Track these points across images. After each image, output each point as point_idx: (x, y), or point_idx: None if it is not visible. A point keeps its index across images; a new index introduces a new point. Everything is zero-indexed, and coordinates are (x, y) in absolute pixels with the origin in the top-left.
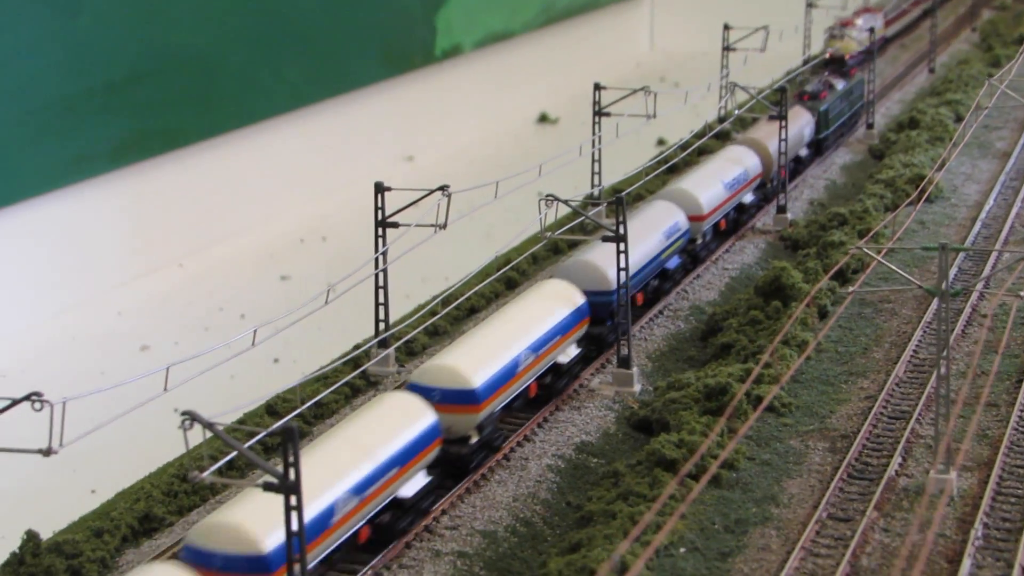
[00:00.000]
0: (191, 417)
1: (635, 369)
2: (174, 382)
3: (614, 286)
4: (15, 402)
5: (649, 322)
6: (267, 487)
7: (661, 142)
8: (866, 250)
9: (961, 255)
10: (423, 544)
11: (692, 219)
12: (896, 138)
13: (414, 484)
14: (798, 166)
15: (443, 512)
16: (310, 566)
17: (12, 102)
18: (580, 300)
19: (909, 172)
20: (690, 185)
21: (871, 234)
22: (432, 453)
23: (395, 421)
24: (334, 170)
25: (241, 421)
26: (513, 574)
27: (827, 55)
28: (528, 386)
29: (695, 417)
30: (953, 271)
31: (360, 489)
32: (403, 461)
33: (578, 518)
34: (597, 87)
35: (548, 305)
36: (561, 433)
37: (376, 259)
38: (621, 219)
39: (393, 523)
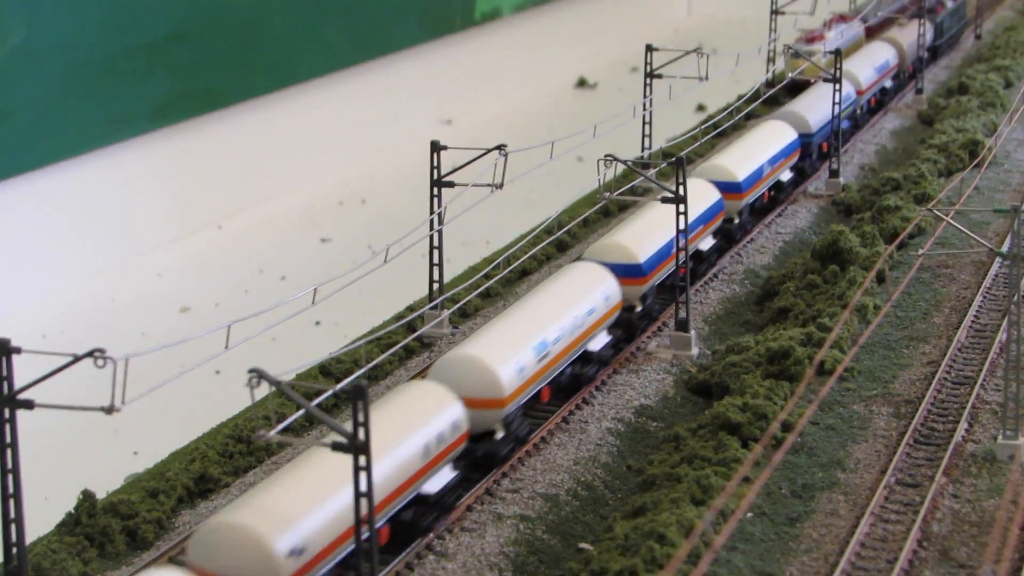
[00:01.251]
0: (259, 375)
1: (693, 332)
2: (216, 342)
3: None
4: (78, 358)
5: (704, 285)
6: (335, 447)
7: (701, 108)
8: (937, 212)
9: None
10: (484, 507)
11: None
12: (946, 104)
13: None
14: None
15: (503, 475)
16: None
17: (53, 61)
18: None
19: (962, 137)
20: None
21: (937, 199)
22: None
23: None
24: (372, 133)
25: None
26: (576, 537)
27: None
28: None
29: (758, 381)
30: (1009, 236)
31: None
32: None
33: (639, 482)
34: (649, 48)
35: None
36: (620, 396)
37: (432, 219)
38: (681, 180)
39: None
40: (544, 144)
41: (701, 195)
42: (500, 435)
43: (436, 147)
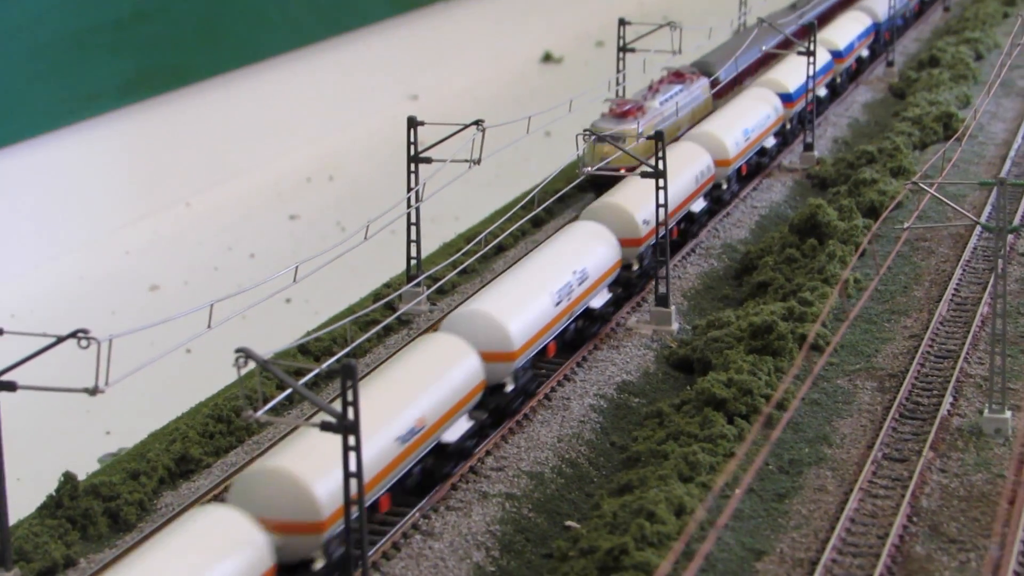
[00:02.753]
0: (245, 354)
1: (673, 307)
2: (196, 322)
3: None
4: (61, 339)
5: (682, 260)
6: (324, 427)
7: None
8: (922, 185)
9: (992, 193)
10: (470, 486)
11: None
12: (917, 76)
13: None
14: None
15: (487, 453)
16: None
17: (19, 39)
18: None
19: (936, 110)
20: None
21: (922, 172)
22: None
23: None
24: (339, 109)
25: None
26: (562, 515)
27: (582, 171)
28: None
29: (742, 356)
30: (987, 209)
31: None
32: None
33: (624, 459)
34: (622, 22)
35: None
36: (601, 373)
37: (409, 196)
38: (661, 155)
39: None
40: (520, 120)
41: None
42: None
43: (413, 123)
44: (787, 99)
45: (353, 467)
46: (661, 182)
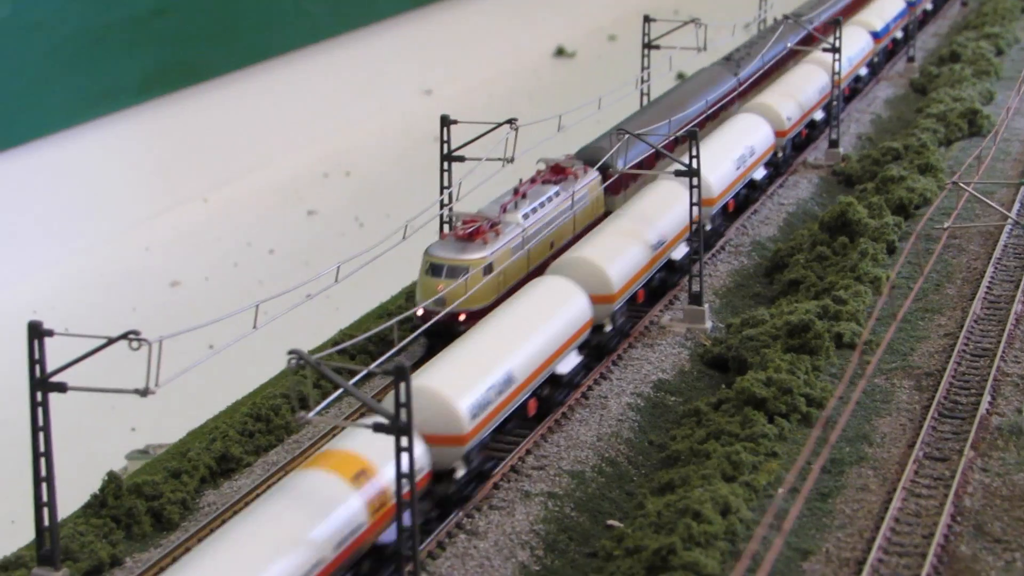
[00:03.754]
0: (298, 356)
1: (706, 305)
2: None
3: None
4: (112, 340)
5: (712, 258)
6: (377, 428)
7: (681, 76)
8: (962, 185)
9: (1020, 191)
10: (512, 485)
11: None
12: (939, 72)
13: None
14: None
15: (528, 452)
16: None
17: (39, 35)
18: None
19: (960, 106)
20: None
21: (960, 171)
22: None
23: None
24: (354, 104)
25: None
26: (604, 514)
27: (418, 313)
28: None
29: (779, 355)
30: (1015, 207)
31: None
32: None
33: (663, 458)
34: (647, 19)
35: None
36: (637, 371)
37: (443, 195)
38: (695, 153)
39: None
40: (551, 118)
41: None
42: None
43: (445, 122)
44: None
45: (406, 468)
46: (695, 181)
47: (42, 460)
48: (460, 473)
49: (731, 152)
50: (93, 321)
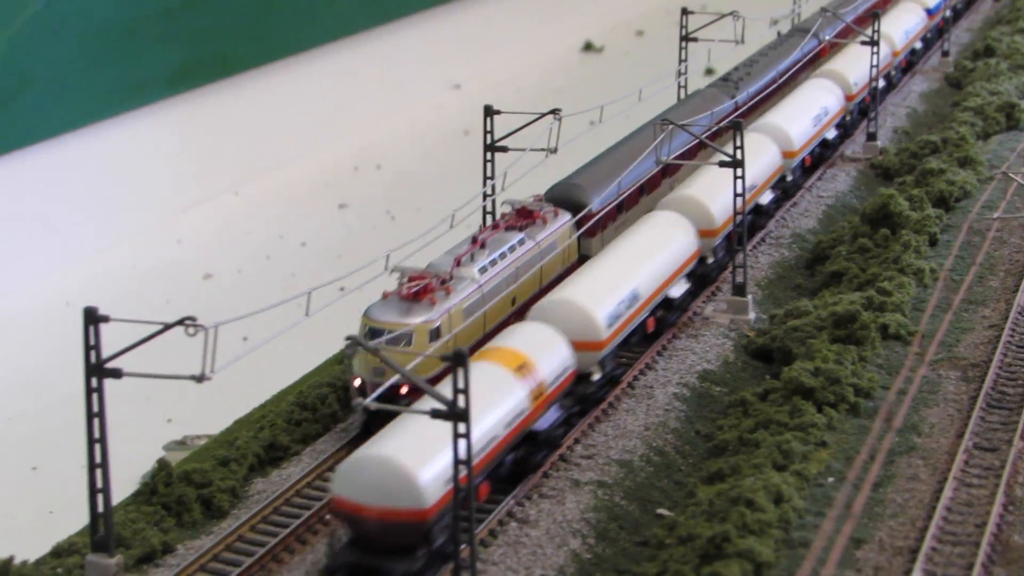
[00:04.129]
0: (355, 342)
1: (750, 296)
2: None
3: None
4: (168, 326)
5: (753, 250)
6: (435, 414)
7: (710, 72)
8: (1011, 175)
9: None
10: (561, 474)
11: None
12: (974, 66)
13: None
14: None
15: (576, 441)
16: None
17: (70, 28)
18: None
19: (997, 100)
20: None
21: (1009, 162)
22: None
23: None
24: (384, 98)
25: None
26: (653, 503)
27: (357, 405)
28: None
29: (826, 345)
30: None
31: None
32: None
33: (711, 447)
34: (685, 12)
35: None
36: (682, 361)
37: (487, 186)
38: (739, 144)
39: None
40: (593, 108)
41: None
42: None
43: (489, 111)
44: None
45: (463, 455)
46: (739, 171)
47: (96, 446)
48: (596, 376)
49: (808, 110)
50: (127, 314)
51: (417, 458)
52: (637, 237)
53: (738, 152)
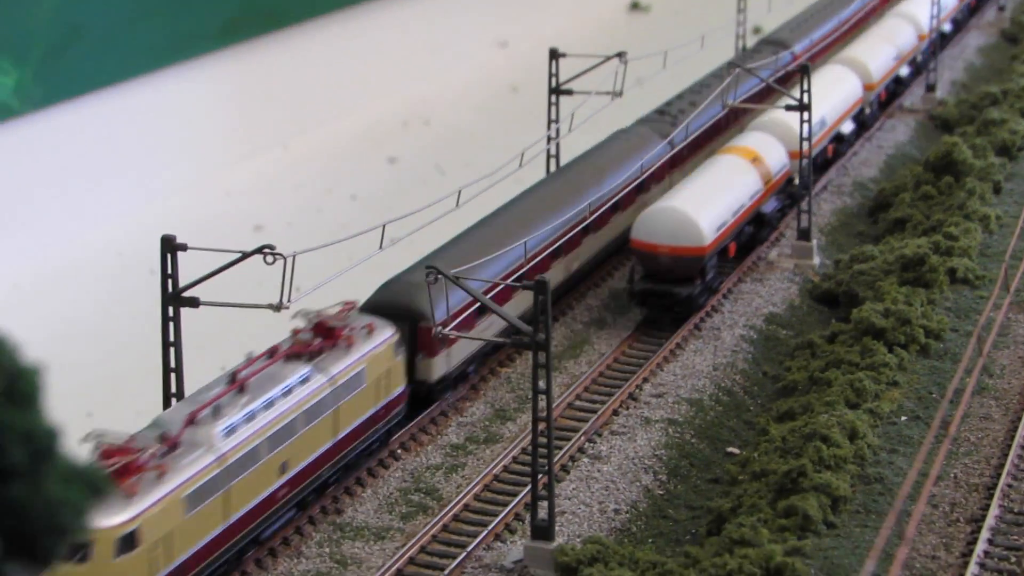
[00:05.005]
0: (436, 271)
1: (815, 241)
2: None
3: None
4: (246, 255)
5: (815, 197)
6: (514, 344)
7: (757, 30)
8: None
9: None
10: (631, 412)
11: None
12: None
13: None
14: None
15: (644, 380)
16: None
17: None
18: None
19: None
20: None
21: None
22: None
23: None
24: (431, 55)
25: None
26: (723, 442)
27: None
28: None
29: (895, 287)
30: None
31: None
32: None
33: (779, 388)
34: None
35: None
36: (747, 304)
37: (551, 130)
38: (806, 88)
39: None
40: (656, 54)
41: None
42: (796, 180)
43: (554, 55)
44: None
45: (543, 386)
46: (805, 116)
47: (172, 375)
48: (796, 180)
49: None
50: (179, 265)
51: (699, 209)
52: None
53: (804, 96)
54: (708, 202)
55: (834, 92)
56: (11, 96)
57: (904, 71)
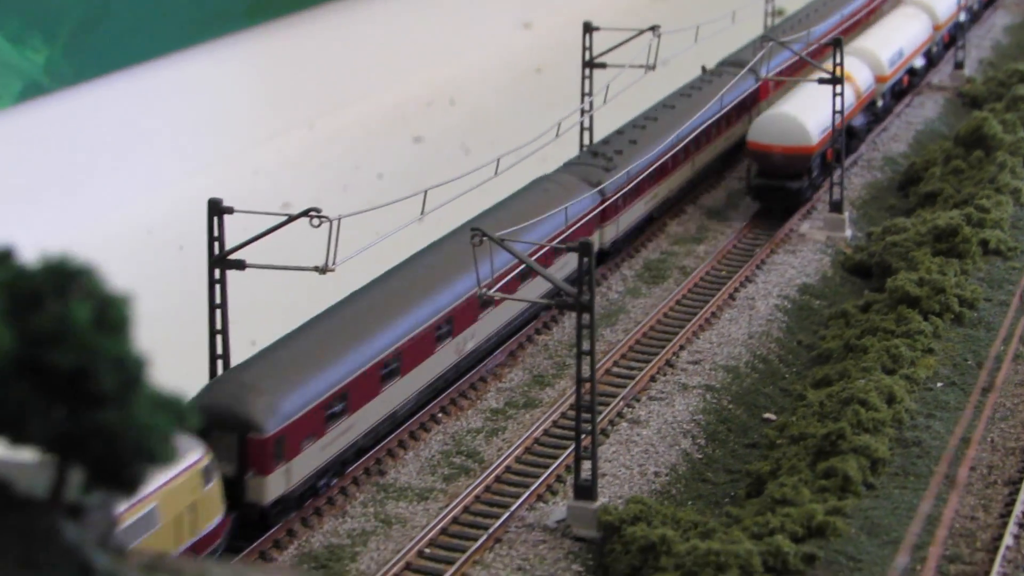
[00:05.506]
0: (481, 233)
1: (847, 214)
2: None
3: None
4: (293, 217)
5: (846, 171)
6: (560, 305)
7: (779, 12)
8: None
9: None
10: (668, 378)
11: None
12: None
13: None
14: None
15: (681, 348)
16: None
17: None
18: None
19: None
20: None
21: None
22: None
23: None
24: (456, 35)
25: None
26: (760, 408)
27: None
28: None
29: (928, 257)
30: None
31: None
32: None
33: (814, 356)
34: None
35: None
36: (781, 275)
37: (585, 103)
38: (838, 61)
39: None
40: (688, 28)
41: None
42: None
43: (588, 28)
44: None
45: (587, 347)
46: (838, 89)
47: (218, 337)
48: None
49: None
50: (205, 243)
51: (807, 115)
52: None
53: (837, 69)
54: (814, 110)
55: (908, 28)
56: (41, 73)
57: (963, 17)
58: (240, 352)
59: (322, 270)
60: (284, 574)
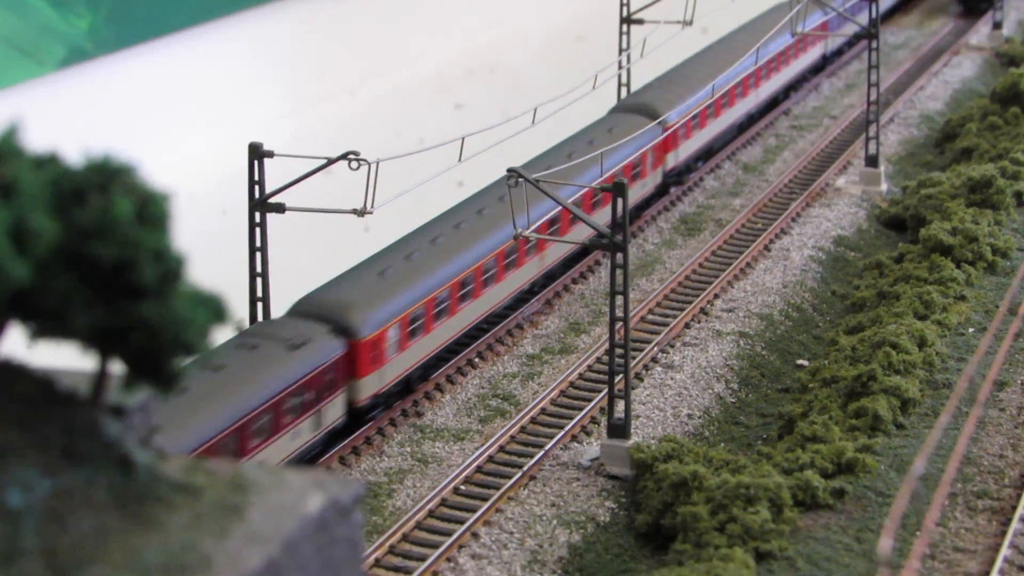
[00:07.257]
0: (517, 175)
1: (882, 168)
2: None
3: None
4: (331, 161)
5: (882, 128)
6: (591, 246)
7: None
8: None
9: None
10: (703, 325)
11: None
12: None
13: None
14: None
15: (715, 296)
16: None
17: None
18: None
19: None
20: None
21: None
22: None
23: None
24: (496, 4)
25: None
26: (793, 355)
27: None
28: None
29: (962, 208)
30: None
31: None
32: None
33: (847, 306)
34: None
35: None
36: (816, 228)
37: (620, 58)
38: (873, 15)
39: None
40: None
41: None
42: None
43: None
44: None
45: (620, 287)
46: (873, 44)
47: (258, 280)
48: None
49: None
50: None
51: None
52: None
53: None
54: None
55: None
56: (84, 39)
57: None
58: (279, 299)
59: (360, 212)
60: (321, 475)
